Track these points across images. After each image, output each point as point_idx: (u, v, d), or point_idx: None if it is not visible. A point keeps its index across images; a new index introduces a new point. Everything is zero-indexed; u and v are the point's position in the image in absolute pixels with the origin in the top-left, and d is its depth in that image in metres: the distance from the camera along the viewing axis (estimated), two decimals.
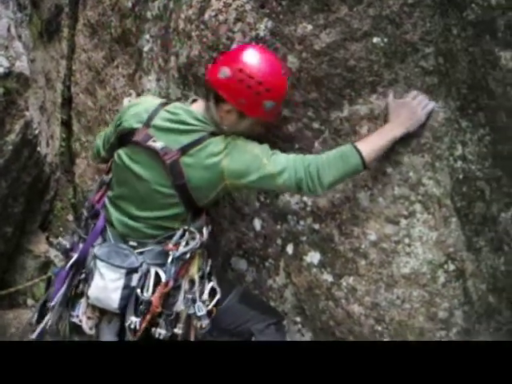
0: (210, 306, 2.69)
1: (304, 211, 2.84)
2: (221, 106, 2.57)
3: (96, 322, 2.65)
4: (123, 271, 2.54)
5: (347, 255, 2.74)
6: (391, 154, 2.58)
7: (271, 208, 2.96)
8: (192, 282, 2.67)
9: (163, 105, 2.68)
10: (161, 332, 2.58)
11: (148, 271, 2.58)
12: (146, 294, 2.55)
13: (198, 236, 2.64)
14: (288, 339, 2.96)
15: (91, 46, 4.03)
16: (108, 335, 2.66)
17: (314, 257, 2.84)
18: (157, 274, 2.58)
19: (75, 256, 2.69)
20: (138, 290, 2.55)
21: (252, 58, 2.52)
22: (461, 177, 2.50)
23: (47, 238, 4.05)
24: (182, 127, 2.57)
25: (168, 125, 2.58)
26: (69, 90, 4.41)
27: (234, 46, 2.75)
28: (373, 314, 2.69)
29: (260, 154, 2.51)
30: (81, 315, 2.64)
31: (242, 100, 2.51)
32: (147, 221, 2.65)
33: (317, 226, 2.81)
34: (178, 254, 2.58)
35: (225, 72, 2.50)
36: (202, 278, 2.72)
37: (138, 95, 3.41)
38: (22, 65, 3.08)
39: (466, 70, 2.42)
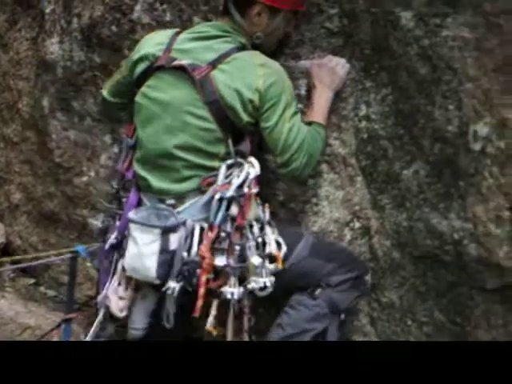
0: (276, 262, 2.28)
1: None
2: (248, 13, 2.38)
3: (128, 304, 2.35)
4: (157, 231, 2.18)
5: None
6: None
7: None
8: (251, 227, 2.30)
9: (180, 32, 2.45)
10: (233, 291, 2.19)
11: (193, 229, 2.24)
12: (193, 255, 2.20)
13: (246, 165, 2.29)
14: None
15: None
16: (139, 315, 2.36)
17: None
18: (202, 229, 2.23)
19: (113, 236, 2.41)
20: (184, 254, 2.20)
21: None
22: (365, 136, 2.54)
23: None
24: (208, 43, 2.35)
25: (192, 45, 2.36)
26: None
27: (138, 6, 2.68)
28: None
29: (291, 97, 2.36)
30: (110, 294, 2.34)
31: None
32: (183, 154, 2.30)
33: None
34: (230, 191, 2.22)
35: None
36: (261, 227, 2.34)
37: (41, 59, 3.27)
38: None
39: (369, 30, 2.46)
